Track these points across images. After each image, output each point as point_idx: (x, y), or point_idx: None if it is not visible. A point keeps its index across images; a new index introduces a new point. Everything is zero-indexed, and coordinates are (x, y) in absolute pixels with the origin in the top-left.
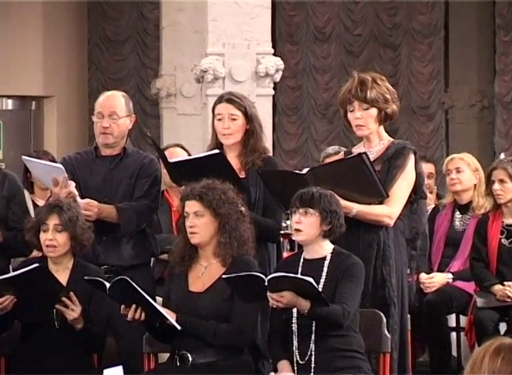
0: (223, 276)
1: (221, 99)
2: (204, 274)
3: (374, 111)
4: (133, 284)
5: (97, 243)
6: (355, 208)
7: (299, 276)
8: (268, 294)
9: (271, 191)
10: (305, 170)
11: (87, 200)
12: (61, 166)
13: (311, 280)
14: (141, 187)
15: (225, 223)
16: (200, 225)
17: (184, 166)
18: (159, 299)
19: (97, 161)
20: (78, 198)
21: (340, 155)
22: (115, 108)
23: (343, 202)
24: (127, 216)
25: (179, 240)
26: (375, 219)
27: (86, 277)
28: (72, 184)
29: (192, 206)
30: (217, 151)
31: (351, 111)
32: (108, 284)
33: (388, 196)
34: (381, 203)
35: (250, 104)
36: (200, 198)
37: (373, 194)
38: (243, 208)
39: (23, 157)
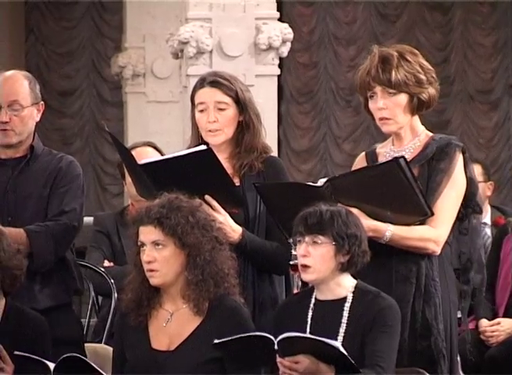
0: (215, 342)
1: (202, 82)
2: (171, 324)
3: (403, 98)
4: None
5: None
6: (389, 230)
7: (322, 339)
8: (279, 359)
9: (271, 211)
10: (322, 181)
11: None
12: None
13: (337, 344)
14: (59, 201)
15: (196, 255)
16: (160, 259)
17: (158, 171)
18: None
19: None
20: None
21: (361, 158)
22: (16, 95)
23: (373, 224)
24: (41, 242)
25: (133, 278)
26: (416, 246)
27: (16, 352)
28: None
29: (149, 234)
30: (204, 147)
31: (372, 99)
32: (51, 365)
33: (433, 214)
34: (422, 223)
35: (242, 87)
36: (159, 223)
37: (413, 211)
38: (219, 233)
39: None
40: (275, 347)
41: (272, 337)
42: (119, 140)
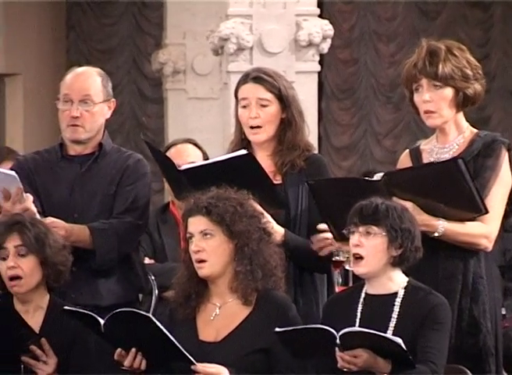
0: (276, 330)
1: (246, 78)
2: (219, 317)
3: (449, 91)
4: (145, 315)
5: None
6: (442, 225)
7: (385, 335)
8: (339, 354)
9: (321, 208)
10: (378, 176)
11: (50, 219)
12: (13, 173)
13: (399, 341)
14: (124, 199)
15: (244, 244)
16: (209, 249)
17: (198, 176)
18: None
19: (62, 163)
20: (37, 217)
21: (405, 155)
22: (88, 90)
23: (427, 218)
24: (105, 240)
25: (181, 273)
26: (468, 241)
27: (66, 307)
28: (29, 198)
29: (197, 224)
30: (244, 151)
31: (418, 91)
32: (101, 320)
33: (487, 212)
34: (471, 219)
35: (286, 84)
36: (207, 212)
37: (467, 208)
38: (267, 225)
39: None
40: (337, 341)
41: (333, 332)
42: (155, 147)
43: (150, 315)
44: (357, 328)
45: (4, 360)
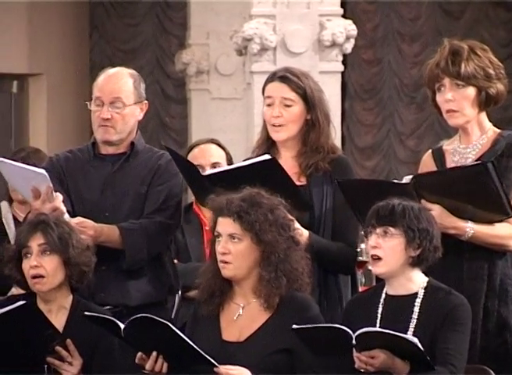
0: (293, 327)
1: (273, 76)
2: (242, 317)
3: (471, 91)
4: (163, 322)
5: (94, 275)
6: (470, 228)
7: (401, 334)
8: (356, 354)
9: (352, 205)
10: (407, 179)
11: (79, 219)
12: (43, 171)
13: (415, 340)
14: (155, 198)
15: (271, 252)
16: (235, 253)
17: (222, 181)
18: None
19: (94, 162)
20: (66, 216)
21: (428, 155)
22: (119, 92)
23: (455, 220)
24: (135, 241)
25: (208, 267)
26: (497, 243)
27: (87, 313)
28: (58, 198)
29: (226, 226)
30: (267, 156)
31: (440, 91)
32: (121, 325)
33: None
34: (499, 221)
35: (313, 86)
36: (238, 217)
37: (495, 210)
38: (295, 232)
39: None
40: (353, 341)
41: (350, 332)
42: (176, 153)
43: (168, 322)
44: (373, 328)
45: (27, 360)
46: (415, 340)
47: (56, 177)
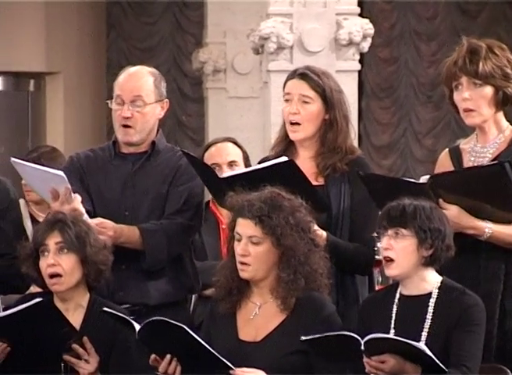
0: (302, 338)
1: (294, 73)
2: (258, 317)
3: (488, 90)
4: (178, 325)
5: (114, 274)
6: (489, 228)
7: (407, 341)
8: (365, 359)
9: (374, 197)
10: (424, 178)
11: (98, 220)
12: (61, 173)
13: (423, 347)
14: (177, 199)
15: (291, 256)
16: (254, 255)
17: (237, 182)
18: None
19: (115, 161)
20: (85, 217)
21: (444, 154)
22: (140, 91)
23: (473, 221)
24: (155, 242)
25: (225, 265)
26: None
27: (105, 309)
28: (77, 199)
29: (247, 228)
30: (285, 158)
31: (458, 89)
32: (137, 326)
33: None
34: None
35: (334, 86)
36: (260, 221)
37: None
38: (316, 234)
39: (13, 159)
40: (362, 347)
41: (359, 338)
42: (193, 156)
43: (183, 326)
44: (381, 335)
45: (44, 358)
46: (424, 347)
47: (77, 176)
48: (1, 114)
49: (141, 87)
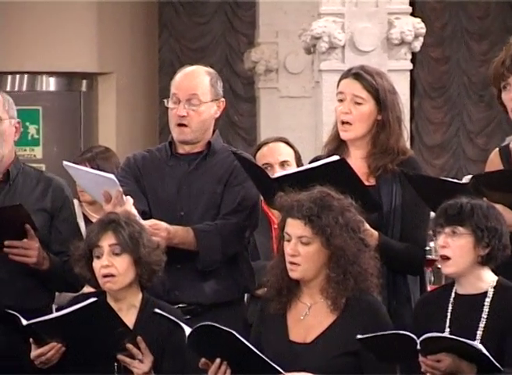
0: (358, 337)
1: (348, 73)
2: (308, 317)
3: None
4: (228, 330)
5: (169, 273)
6: None
7: (464, 340)
8: (421, 359)
9: (422, 197)
10: (467, 178)
11: (152, 221)
12: (112, 176)
13: (479, 346)
14: (232, 199)
15: (340, 256)
16: (304, 255)
17: (288, 182)
18: None
19: (171, 161)
20: (138, 218)
21: (495, 154)
22: (195, 89)
23: None
24: (209, 243)
25: (275, 264)
26: None
27: (156, 310)
28: (129, 201)
29: (296, 228)
30: (336, 157)
31: (506, 89)
32: (187, 329)
33: None
34: None
35: (387, 87)
36: (309, 221)
37: None
38: (366, 233)
39: (65, 163)
40: (418, 347)
41: (414, 337)
42: (244, 156)
43: (233, 331)
44: (437, 334)
45: (98, 358)
46: (480, 346)
47: (133, 177)
48: (54, 114)
49: (197, 86)
